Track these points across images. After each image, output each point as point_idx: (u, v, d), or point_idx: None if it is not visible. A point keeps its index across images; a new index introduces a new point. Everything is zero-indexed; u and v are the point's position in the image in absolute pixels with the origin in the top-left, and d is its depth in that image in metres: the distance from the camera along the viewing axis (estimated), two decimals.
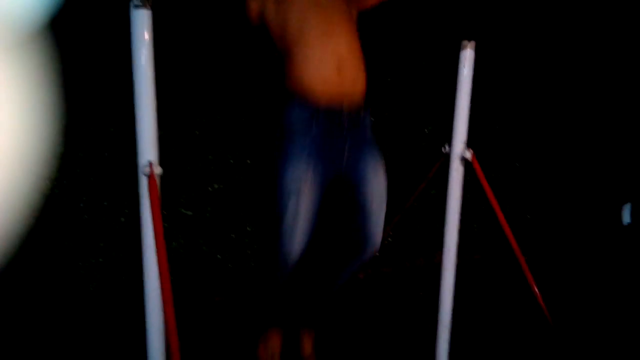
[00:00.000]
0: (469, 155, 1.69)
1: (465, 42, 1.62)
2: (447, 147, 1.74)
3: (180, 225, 2.48)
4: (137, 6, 1.23)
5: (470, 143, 1.71)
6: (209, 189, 2.56)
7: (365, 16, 1.72)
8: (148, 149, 1.34)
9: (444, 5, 2.78)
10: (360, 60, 1.57)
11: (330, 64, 1.48)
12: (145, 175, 1.31)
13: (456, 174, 1.73)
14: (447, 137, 1.75)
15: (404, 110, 2.89)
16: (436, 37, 2.83)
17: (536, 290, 1.73)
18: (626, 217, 2.64)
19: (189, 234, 2.50)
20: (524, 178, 3.20)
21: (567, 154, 3.24)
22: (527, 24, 2.99)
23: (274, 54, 1.60)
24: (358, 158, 1.59)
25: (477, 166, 1.70)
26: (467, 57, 1.62)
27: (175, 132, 2.41)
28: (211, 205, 2.55)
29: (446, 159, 1.77)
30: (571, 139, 3.23)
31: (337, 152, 1.55)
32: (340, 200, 1.63)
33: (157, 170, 1.32)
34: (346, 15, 1.59)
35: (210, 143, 2.50)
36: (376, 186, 1.63)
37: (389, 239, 2.88)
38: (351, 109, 1.55)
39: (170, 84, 2.26)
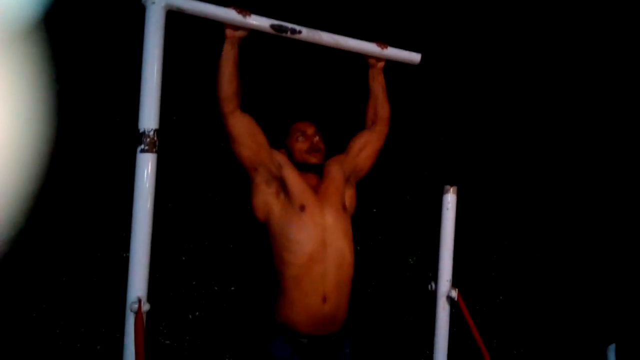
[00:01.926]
0: (454, 294, 1.72)
1: (447, 187, 1.73)
2: (433, 285, 1.78)
3: (157, 354, 2.38)
4: (143, 150, 1.32)
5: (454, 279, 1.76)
6: (190, 316, 2.49)
7: None
8: (138, 283, 1.35)
9: (428, 148, 2.98)
10: (347, 288, 1.65)
11: (317, 298, 1.57)
12: (132, 312, 1.30)
13: (443, 312, 1.75)
14: (432, 268, 1.79)
15: (389, 241, 2.96)
16: (420, 175, 2.99)
17: None
18: (611, 358, 2.61)
19: None
20: (509, 312, 3.19)
21: (553, 291, 3.27)
22: (507, 165, 3.20)
23: (271, 276, 1.68)
24: None
25: (462, 305, 1.72)
26: (450, 200, 1.72)
27: (160, 257, 2.41)
28: (190, 334, 2.47)
29: (432, 296, 1.79)
30: (555, 278, 3.28)
31: None
32: None
33: (145, 307, 1.31)
34: (346, 228, 1.68)
35: (195, 269, 2.49)
36: None
37: None
38: (331, 341, 1.64)
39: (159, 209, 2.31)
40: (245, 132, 1.61)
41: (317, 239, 1.59)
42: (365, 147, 1.83)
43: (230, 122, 1.59)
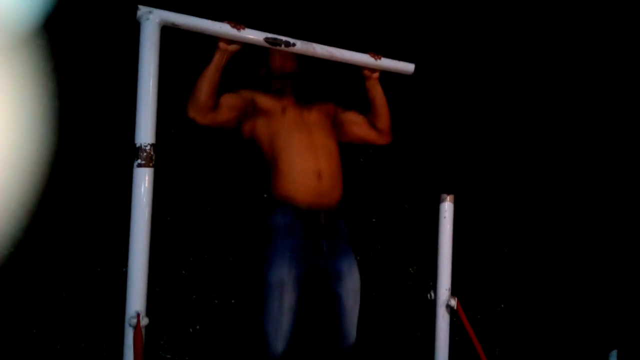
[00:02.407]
0: (454, 303, 1.71)
1: (444, 196, 1.74)
2: (432, 295, 1.78)
3: None
4: (140, 165, 1.32)
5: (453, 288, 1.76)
6: (190, 330, 2.49)
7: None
8: (137, 298, 1.35)
9: (425, 157, 2.99)
10: (338, 171, 1.80)
11: (311, 174, 1.70)
12: (131, 326, 1.30)
13: (442, 321, 1.75)
14: (432, 277, 1.80)
15: (389, 251, 2.95)
16: (417, 184, 3.00)
17: None
18: None
19: None
20: (510, 320, 3.18)
21: (554, 299, 3.26)
22: (506, 173, 3.20)
23: (262, 164, 1.81)
24: (334, 255, 1.75)
25: (462, 314, 1.72)
26: (447, 209, 1.72)
27: (160, 271, 2.40)
28: (191, 347, 2.46)
29: (431, 305, 1.79)
30: (555, 285, 3.27)
31: (316, 249, 1.72)
32: (320, 292, 1.78)
33: (144, 321, 1.31)
34: (329, 134, 1.84)
35: (195, 282, 2.49)
36: (351, 282, 1.78)
37: None
38: (328, 213, 1.75)
39: (156, 221, 2.32)
40: (226, 117, 1.69)
41: (301, 128, 1.75)
42: (359, 125, 1.92)
43: (206, 124, 1.65)
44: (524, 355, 3.14)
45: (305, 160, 1.71)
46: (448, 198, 1.74)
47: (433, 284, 1.84)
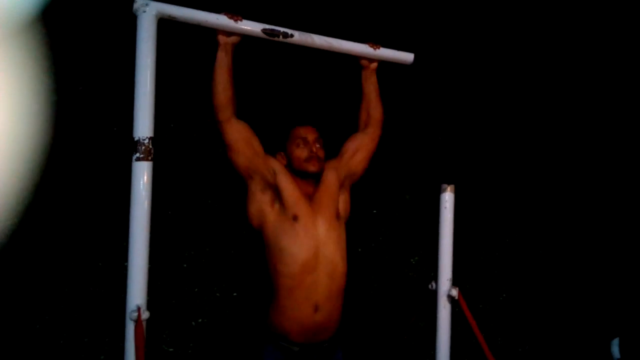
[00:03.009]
0: (455, 293, 1.71)
1: (444, 186, 1.73)
2: (433, 285, 1.77)
3: None
4: (138, 159, 1.32)
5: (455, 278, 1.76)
6: (193, 323, 2.49)
7: None
8: (137, 292, 1.34)
9: (425, 147, 2.97)
10: (338, 297, 1.64)
11: (308, 308, 1.58)
12: (132, 320, 1.30)
13: (444, 311, 1.75)
14: (434, 267, 1.79)
15: (390, 242, 2.95)
16: (418, 175, 2.99)
17: None
18: (615, 352, 2.60)
19: None
20: (511, 309, 3.18)
21: (555, 288, 3.26)
22: (506, 163, 3.20)
23: (266, 283, 1.69)
24: None
25: (463, 303, 1.72)
26: (447, 199, 1.72)
27: (162, 264, 2.41)
28: (194, 341, 2.47)
29: (433, 295, 1.79)
30: (557, 274, 3.27)
31: None
32: None
33: (145, 315, 1.31)
34: (340, 240, 1.67)
35: (197, 275, 2.49)
36: None
37: None
38: (323, 348, 1.64)
39: (158, 215, 2.32)
40: (240, 139, 1.60)
41: (309, 250, 1.58)
42: (358, 151, 1.81)
43: (225, 129, 1.59)
44: (526, 344, 3.15)
45: (306, 296, 1.57)
46: (449, 188, 1.74)
47: (434, 275, 1.84)
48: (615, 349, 2.59)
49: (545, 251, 3.29)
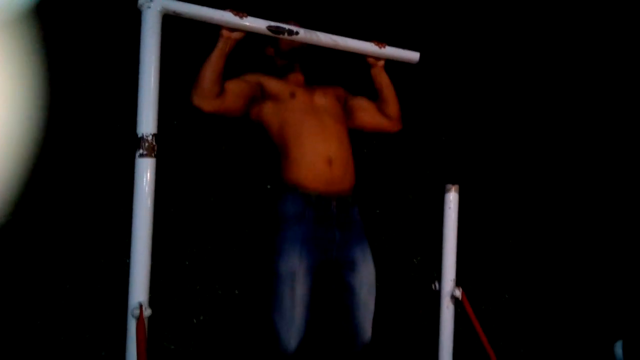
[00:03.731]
0: (458, 293, 1.70)
1: (449, 186, 1.72)
2: (436, 285, 1.76)
3: (161, 359, 2.37)
4: (142, 155, 1.31)
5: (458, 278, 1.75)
6: (194, 320, 2.49)
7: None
8: (140, 289, 1.34)
9: (430, 147, 2.97)
10: (349, 157, 1.74)
11: (322, 160, 1.65)
12: (134, 317, 1.30)
13: (447, 311, 1.74)
14: (436, 268, 1.78)
15: (393, 242, 2.94)
16: (422, 174, 2.98)
17: None
18: (619, 354, 2.59)
19: None
20: (514, 311, 3.17)
21: (558, 289, 3.25)
22: (510, 163, 3.18)
23: (270, 150, 1.76)
24: (348, 244, 1.68)
25: (467, 304, 1.71)
26: (452, 199, 1.71)
27: (164, 261, 2.40)
28: (195, 338, 2.46)
29: (436, 296, 1.78)
30: (560, 276, 3.26)
31: (328, 238, 1.65)
32: (332, 284, 1.70)
33: (147, 312, 1.31)
34: (339, 119, 1.78)
35: (199, 273, 2.49)
36: (365, 273, 1.70)
37: None
38: (340, 200, 1.68)
39: (160, 212, 2.31)
40: (231, 107, 1.66)
41: (310, 113, 1.69)
42: (368, 112, 1.89)
43: (212, 111, 1.62)
44: (528, 346, 3.14)
45: (315, 146, 1.64)
46: (453, 188, 1.73)
47: (437, 275, 1.83)
48: (619, 351, 2.58)
49: (549, 252, 3.28)
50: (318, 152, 1.64)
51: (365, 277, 1.69)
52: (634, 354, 2.54)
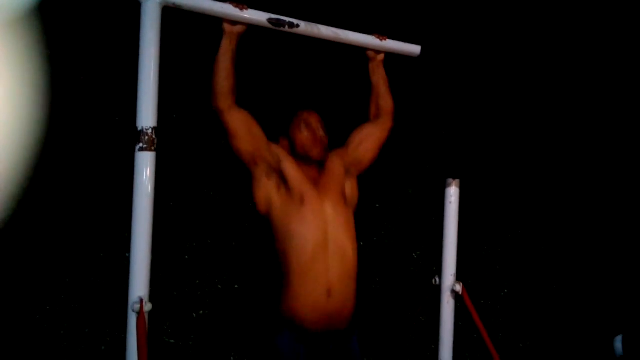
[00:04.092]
0: (459, 288, 1.70)
1: (450, 180, 1.71)
2: (437, 280, 1.76)
3: (162, 354, 2.37)
4: (142, 149, 1.30)
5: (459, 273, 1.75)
6: (194, 315, 2.49)
7: None
8: (140, 283, 1.33)
9: (430, 141, 2.96)
10: (351, 283, 1.63)
11: (321, 289, 1.56)
12: (134, 312, 1.29)
13: (447, 306, 1.74)
14: (436, 262, 1.78)
15: (392, 236, 2.94)
16: (422, 169, 2.97)
17: None
18: (618, 349, 2.59)
19: None
20: (515, 306, 3.18)
21: (557, 284, 3.26)
22: (510, 158, 3.18)
23: (275, 270, 1.67)
24: None
25: (467, 299, 1.71)
26: (452, 194, 1.70)
27: (163, 256, 2.40)
28: (195, 332, 2.46)
29: (436, 290, 1.78)
30: (559, 270, 3.27)
31: None
32: None
33: (147, 307, 1.30)
34: (346, 222, 1.66)
35: (198, 267, 2.48)
36: None
37: None
38: (338, 335, 1.61)
39: (159, 206, 2.30)
40: (242, 126, 1.59)
41: (318, 232, 1.57)
42: (366, 140, 1.80)
43: (227, 118, 1.58)
44: (527, 340, 3.15)
45: (315, 276, 1.55)
46: (454, 183, 1.72)
47: (437, 269, 1.83)
48: (619, 346, 2.58)
49: (549, 247, 3.28)
50: (319, 286, 1.55)
51: None
52: (634, 348, 2.55)
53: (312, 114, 1.71)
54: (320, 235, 1.57)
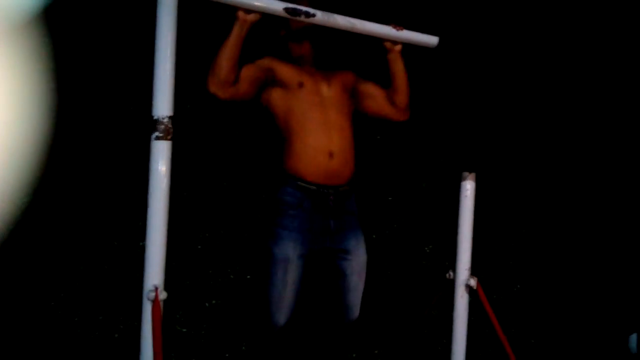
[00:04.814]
0: (473, 283, 1.69)
1: (465, 174, 1.69)
2: (451, 274, 1.75)
3: (174, 342, 2.39)
4: (158, 138, 1.30)
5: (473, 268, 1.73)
6: (206, 304, 2.50)
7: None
8: (155, 272, 1.34)
9: (447, 134, 2.92)
10: (350, 150, 1.76)
11: (323, 154, 1.68)
12: (149, 300, 1.30)
13: (461, 301, 1.73)
14: (448, 257, 1.76)
15: (404, 229, 2.93)
16: (436, 162, 2.94)
17: None
18: (633, 347, 2.56)
19: (181, 352, 2.39)
20: (527, 302, 3.15)
21: (571, 280, 3.22)
22: (526, 153, 3.14)
23: (275, 137, 1.79)
24: (342, 234, 1.74)
25: (482, 294, 1.69)
26: (468, 187, 1.68)
27: (176, 245, 2.40)
28: (207, 322, 2.47)
29: (450, 285, 1.76)
30: (573, 267, 3.23)
31: (323, 228, 1.71)
32: (325, 269, 1.78)
33: (162, 295, 1.31)
34: (344, 110, 1.79)
35: (211, 257, 2.49)
36: (357, 260, 1.77)
37: None
38: (337, 192, 1.73)
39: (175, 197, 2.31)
40: (246, 92, 1.68)
41: (316, 107, 1.70)
42: (375, 99, 1.88)
43: (226, 99, 1.63)
44: (540, 337, 3.12)
45: (317, 140, 1.68)
46: (469, 176, 1.70)
47: (450, 264, 1.81)
48: (633, 344, 2.55)
49: (564, 243, 3.24)
50: (320, 145, 1.68)
51: (357, 264, 1.77)
52: None
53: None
54: (318, 108, 1.71)
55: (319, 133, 1.69)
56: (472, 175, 1.70)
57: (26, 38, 1.83)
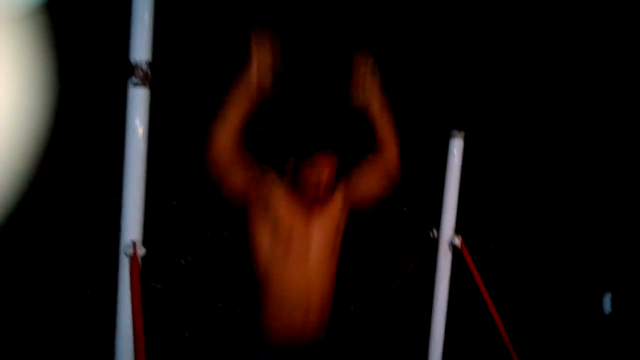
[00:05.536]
0: (458, 242, 1.68)
1: (455, 132, 1.66)
2: (435, 233, 1.74)
3: (147, 299, 2.34)
4: (136, 84, 1.21)
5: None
6: (182, 261, 2.45)
7: None
8: (132, 226, 1.27)
9: (435, 92, 2.87)
10: (327, 306, 1.57)
11: (298, 314, 1.50)
12: (127, 255, 1.24)
13: (444, 260, 1.72)
14: (425, 217, 1.75)
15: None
16: (422, 121, 2.90)
17: None
18: (607, 307, 2.65)
19: (156, 308, 2.36)
20: (508, 264, 3.21)
21: (549, 242, 3.28)
22: (517, 115, 3.12)
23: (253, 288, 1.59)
24: None
25: (465, 253, 1.69)
26: (457, 146, 1.65)
27: (151, 201, 2.33)
28: (182, 278, 2.43)
29: (433, 244, 1.75)
30: (553, 230, 3.29)
31: None
32: None
33: (141, 251, 1.25)
34: (331, 251, 1.55)
35: (187, 214, 2.43)
36: None
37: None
38: (312, 347, 1.57)
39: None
40: (240, 180, 1.46)
41: (301, 276, 1.48)
42: (368, 175, 1.60)
43: (228, 179, 1.43)
44: (519, 296, 3.20)
45: (294, 298, 1.48)
46: (459, 135, 1.66)
47: (433, 223, 1.79)
48: (607, 304, 2.64)
49: (544, 207, 3.29)
50: (296, 305, 1.49)
51: None
52: (622, 307, 2.61)
53: (327, 159, 1.47)
54: (302, 279, 1.48)
55: (298, 289, 1.48)
56: (462, 133, 1.66)
57: None
